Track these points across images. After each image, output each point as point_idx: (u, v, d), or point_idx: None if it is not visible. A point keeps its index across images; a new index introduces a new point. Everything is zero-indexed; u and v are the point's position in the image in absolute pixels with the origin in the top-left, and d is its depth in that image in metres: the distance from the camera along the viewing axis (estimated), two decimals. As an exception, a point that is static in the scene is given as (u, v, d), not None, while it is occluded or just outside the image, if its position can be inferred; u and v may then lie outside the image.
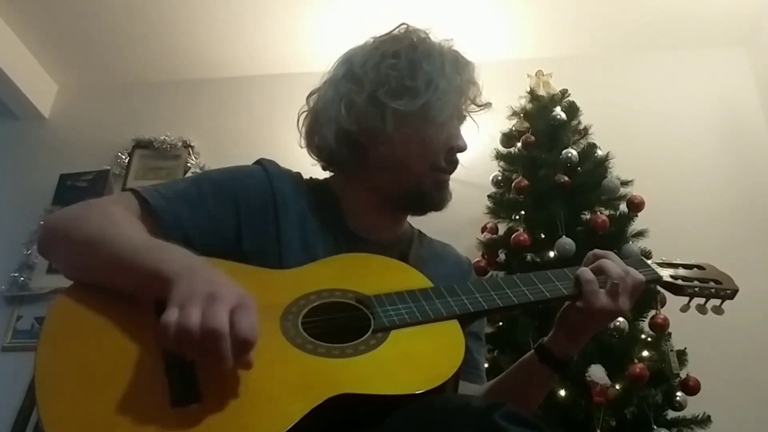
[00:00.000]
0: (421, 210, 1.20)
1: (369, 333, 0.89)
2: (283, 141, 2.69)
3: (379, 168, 1.15)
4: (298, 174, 1.21)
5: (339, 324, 0.90)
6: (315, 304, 0.93)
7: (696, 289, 1.15)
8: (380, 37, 1.18)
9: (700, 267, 1.21)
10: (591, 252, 1.09)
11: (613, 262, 1.05)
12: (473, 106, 1.20)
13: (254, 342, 0.75)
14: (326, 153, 1.18)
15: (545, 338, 1.11)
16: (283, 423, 0.72)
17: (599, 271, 1.05)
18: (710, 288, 1.16)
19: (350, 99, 1.13)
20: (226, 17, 3.25)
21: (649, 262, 1.17)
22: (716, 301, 1.16)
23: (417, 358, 0.88)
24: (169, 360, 0.78)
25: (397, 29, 1.19)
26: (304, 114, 1.22)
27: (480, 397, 1.05)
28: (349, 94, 1.13)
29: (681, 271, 1.18)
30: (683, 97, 3.26)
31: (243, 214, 1.07)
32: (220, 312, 0.74)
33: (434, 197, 1.17)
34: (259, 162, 1.17)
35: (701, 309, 1.16)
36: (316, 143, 1.20)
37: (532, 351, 1.12)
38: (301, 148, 1.23)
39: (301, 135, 1.22)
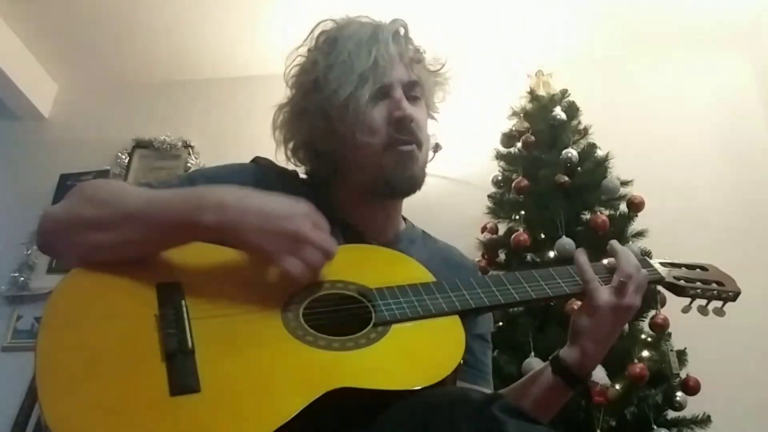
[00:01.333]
0: (394, 194, 1.15)
1: (370, 326, 0.88)
2: (280, 158, 2.69)
3: (344, 166, 1.15)
4: (294, 172, 1.21)
5: (340, 316, 0.90)
6: (316, 296, 0.92)
7: (698, 290, 1.14)
8: (298, 46, 1.19)
9: (702, 268, 1.20)
10: (610, 242, 1.09)
11: (624, 259, 1.04)
12: (427, 67, 1.17)
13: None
14: (305, 171, 1.21)
15: (560, 350, 1.07)
16: (281, 415, 0.72)
17: (608, 268, 1.05)
18: (712, 290, 1.15)
19: (286, 118, 1.18)
20: (226, 17, 3.25)
21: (651, 261, 1.16)
22: (718, 303, 1.16)
23: (417, 354, 0.88)
24: (169, 348, 0.78)
25: (311, 31, 1.18)
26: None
27: (478, 390, 1.05)
28: (284, 114, 1.18)
29: (683, 272, 1.17)
30: (683, 97, 3.26)
31: None
32: (319, 238, 0.88)
33: (398, 176, 1.10)
34: (255, 160, 1.18)
35: (703, 310, 1.15)
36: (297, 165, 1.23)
37: (546, 363, 1.08)
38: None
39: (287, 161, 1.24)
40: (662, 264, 1.17)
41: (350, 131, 1.09)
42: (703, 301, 1.16)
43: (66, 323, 0.81)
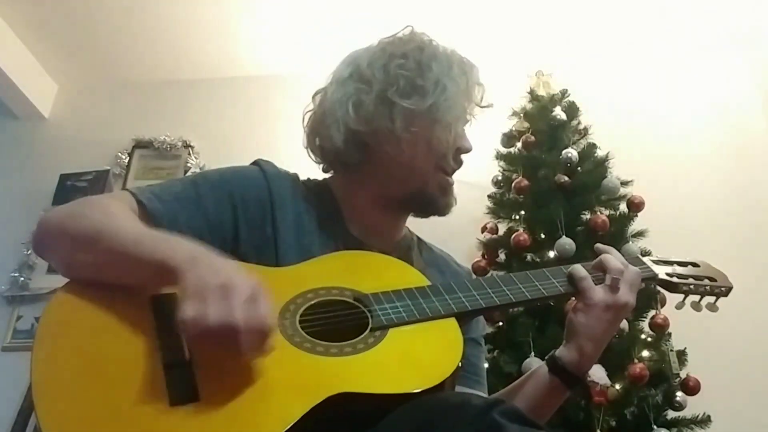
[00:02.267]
0: (425, 213, 1.21)
1: (367, 331, 0.88)
2: (283, 141, 2.69)
3: (385, 168, 1.15)
4: (295, 174, 1.20)
5: (337, 322, 0.90)
6: (313, 302, 0.92)
7: (691, 286, 1.16)
8: (386, 38, 1.19)
9: (695, 264, 1.22)
10: (595, 246, 1.10)
11: (612, 257, 1.06)
12: (477, 107, 1.20)
13: (270, 331, 0.77)
14: (331, 154, 1.17)
15: (557, 350, 1.08)
16: (281, 423, 0.72)
17: (598, 268, 1.05)
18: (705, 285, 1.17)
19: (359, 98, 1.12)
20: (226, 17, 3.25)
21: (644, 259, 1.18)
22: (711, 299, 1.17)
23: (415, 357, 0.88)
24: (167, 359, 0.78)
25: (403, 32, 1.19)
26: (309, 113, 1.22)
27: (478, 395, 1.05)
28: (357, 93, 1.13)
29: (676, 269, 1.18)
30: (684, 97, 3.26)
31: (240, 214, 1.06)
32: (234, 306, 0.75)
33: (439, 201, 1.17)
34: (257, 162, 1.17)
35: (696, 306, 1.17)
36: (319, 143, 1.19)
37: (543, 363, 1.09)
38: (305, 147, 1.22)
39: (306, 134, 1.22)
40: (654, 262, 1.19)
41: (420, 147, 1.12)
42: (696, 297, 1.17)
43: (62, 335, 0.81)
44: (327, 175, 1.25)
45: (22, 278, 3.11)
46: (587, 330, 1.03)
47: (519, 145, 2.73)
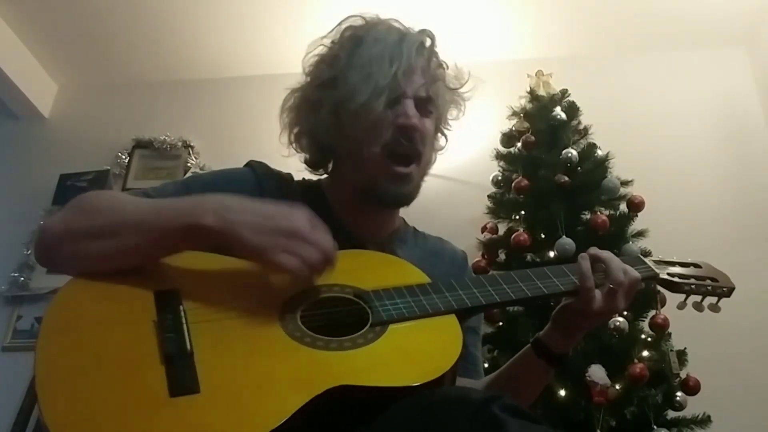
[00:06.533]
0: (382, 205, 1.17)
1: (367, 327, 0.89)
2: (283, 141, 2.69)
3: (343, 163, 1.17)
4: (289, 175, 1.22)
5: (337, 318, 0.91)
6: (313, 300, 0.93)
7: (692, 286, 1.16)
8: (324, 35, 1.20)
9: (696, 265, 1.22)
10: (590, 250, 1.09)
11: (613, 264, 1.05)
12: (446, 84, 1.18)
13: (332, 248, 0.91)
14: (306, 160, 1.22)
15: (540, 333, 1.13)
16: (279, 414, 0.73)
17: (599, 271, 1.06)
18: (707, 286, 1.17)
19: (296, 103, 1.18)
20: (226, 17, 3.26)
21: (646, 259, 1.18)
22: (713, 299, 1.17)
23: (415, 352, 0.88)
24: (168, 351, 0.79)
25: (339, 23, 1.19)
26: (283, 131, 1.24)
27: (479, 390, 1.06)
28: (295, 99, 1.18)
29: (678, 269, 1.19)
30: (683, 97, 3.26)
31: None
32: (316, 235, 0.89)
33: (390, 191, 1.12)
34: (249, 164, 1.19)
35: (698, 306, 1.17)
36: (296, 151, 1.22)
37: (528, 346, 1.14)
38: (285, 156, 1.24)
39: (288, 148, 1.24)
40: (656, 262, 1.19)
41: (355, 135, 1.11)
42: (698, 298, 1.18)
43: (65, 330, 0.81)
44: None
45: (22, 278, 3.11)
46: (577, 326, 1.09)
47: (519, 145, 2.72)
